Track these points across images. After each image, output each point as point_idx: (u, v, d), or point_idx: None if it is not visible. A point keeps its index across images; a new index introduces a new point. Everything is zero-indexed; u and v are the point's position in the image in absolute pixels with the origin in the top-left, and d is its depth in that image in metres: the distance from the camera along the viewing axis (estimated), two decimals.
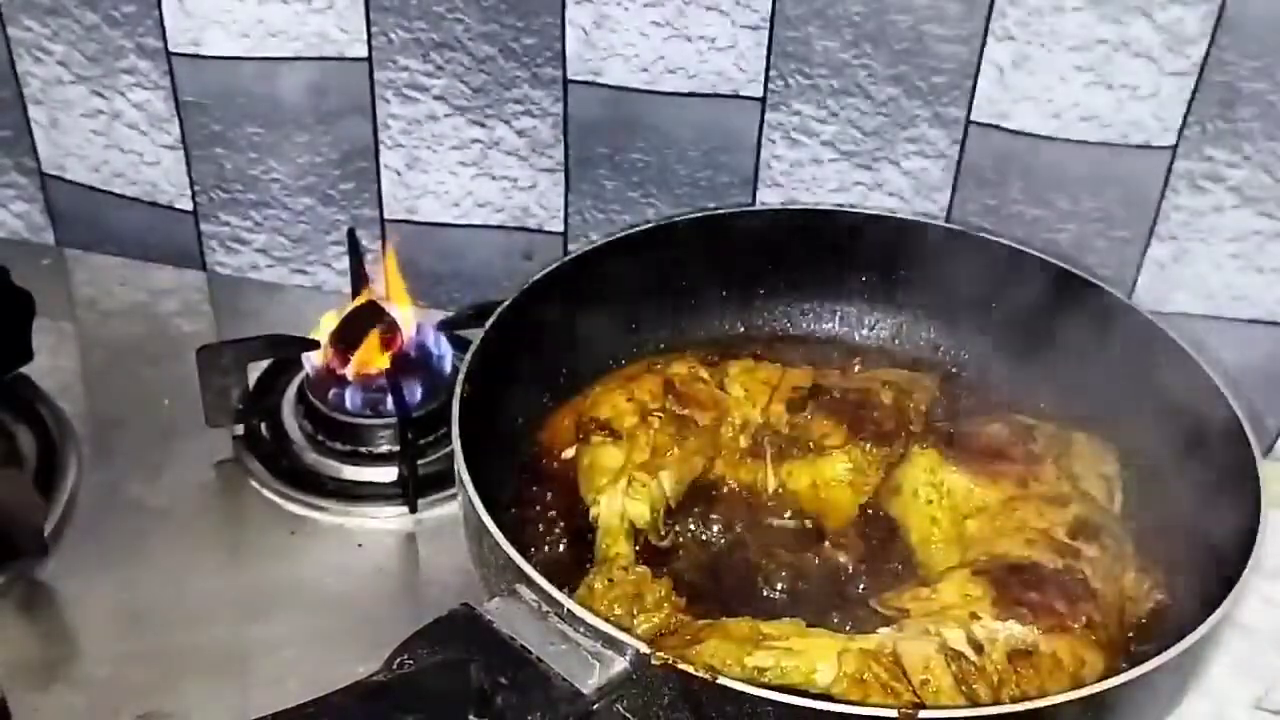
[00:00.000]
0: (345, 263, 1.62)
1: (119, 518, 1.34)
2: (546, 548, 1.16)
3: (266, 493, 1.40)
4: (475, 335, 1.24)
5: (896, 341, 1.44)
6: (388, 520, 1.39)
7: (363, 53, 1.49)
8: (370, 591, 1.30)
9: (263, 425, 1.47)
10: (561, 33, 1.43)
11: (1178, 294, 1.42)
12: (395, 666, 0.83)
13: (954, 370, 1.41)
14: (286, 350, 1.51)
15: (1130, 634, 1.07)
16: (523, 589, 0.93)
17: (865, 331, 1.45)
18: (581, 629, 0.90)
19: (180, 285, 1.69)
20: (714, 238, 1.39)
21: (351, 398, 1.46)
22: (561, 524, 1.18)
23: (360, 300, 1.52)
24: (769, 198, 1.48)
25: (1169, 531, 1.16)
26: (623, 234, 1.36)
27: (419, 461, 1.38)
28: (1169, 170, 1.35)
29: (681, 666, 0.87)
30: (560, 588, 0.95)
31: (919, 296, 1.42)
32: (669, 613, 1.03)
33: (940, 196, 1.44)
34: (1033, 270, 1.33)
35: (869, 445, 1.16)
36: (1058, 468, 1.15)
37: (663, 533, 1.16)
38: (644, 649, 0.88)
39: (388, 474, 1.42)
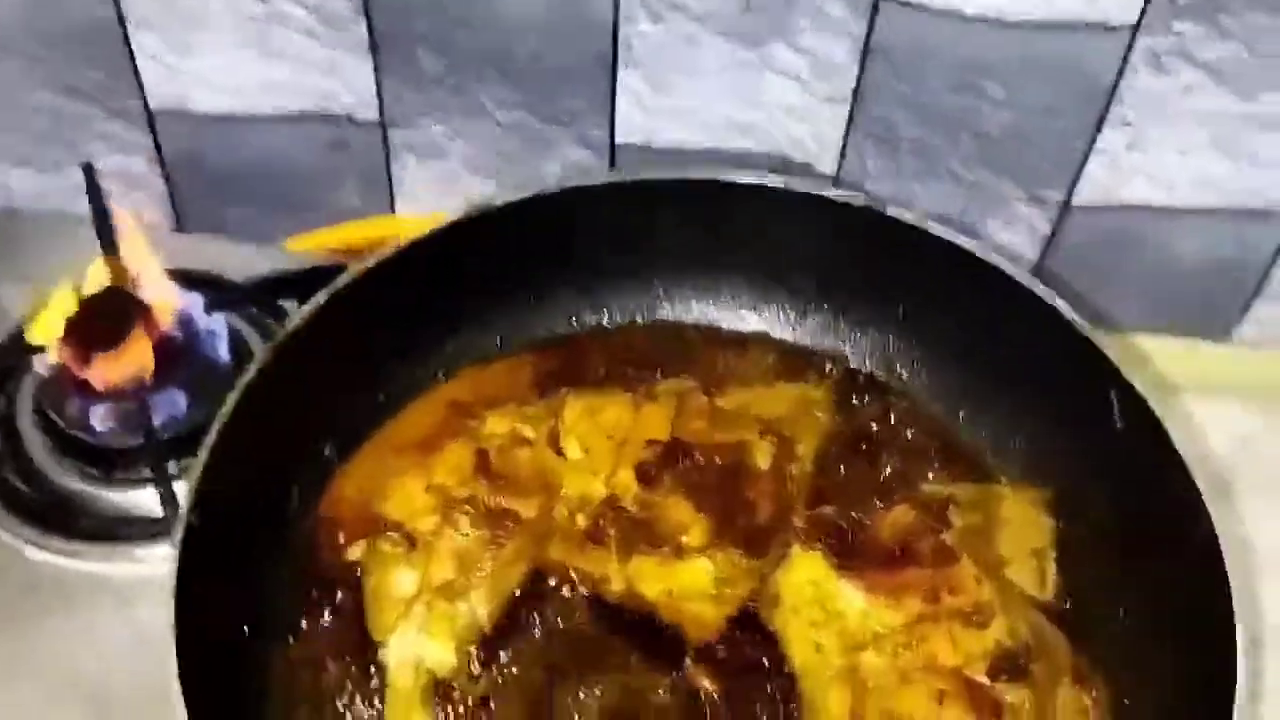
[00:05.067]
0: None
1: None
2: (330, 698, 0.89)
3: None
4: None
5: (784, 329, 1.15)
6: (156, 565, 1.08)
7: None
8: (143, 677, 1.01)
9: None
10: None
11: (1133, 183, 1.17)
12: None
13: (852, 367, 1.13)
14: None
15: None
16: None
17: (746, 317, 1.16)
18: None
19: None
20: (547, 219, 1.06)
21: (97, 412, 1.15)
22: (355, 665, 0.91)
23: (99, 277, 1.19)
24: (632, 81, 1.16)
25: (1113, 607, 0.93)
26: (440, 226, 1.02)
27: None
28: (1128, 50, 1.07)
29: None
30: None
31: (806, 277, 1.12)
32: None
33: (843, 80, 1.13)
34: (937, 251, 1.04)
35: (738, 553, 0.89)
36: (978, 560, 0.90)
37: (475, 673, 0.90)
38: None
39: (155, 502, 1.11)
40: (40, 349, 1.14)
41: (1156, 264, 1.24)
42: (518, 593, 0.93)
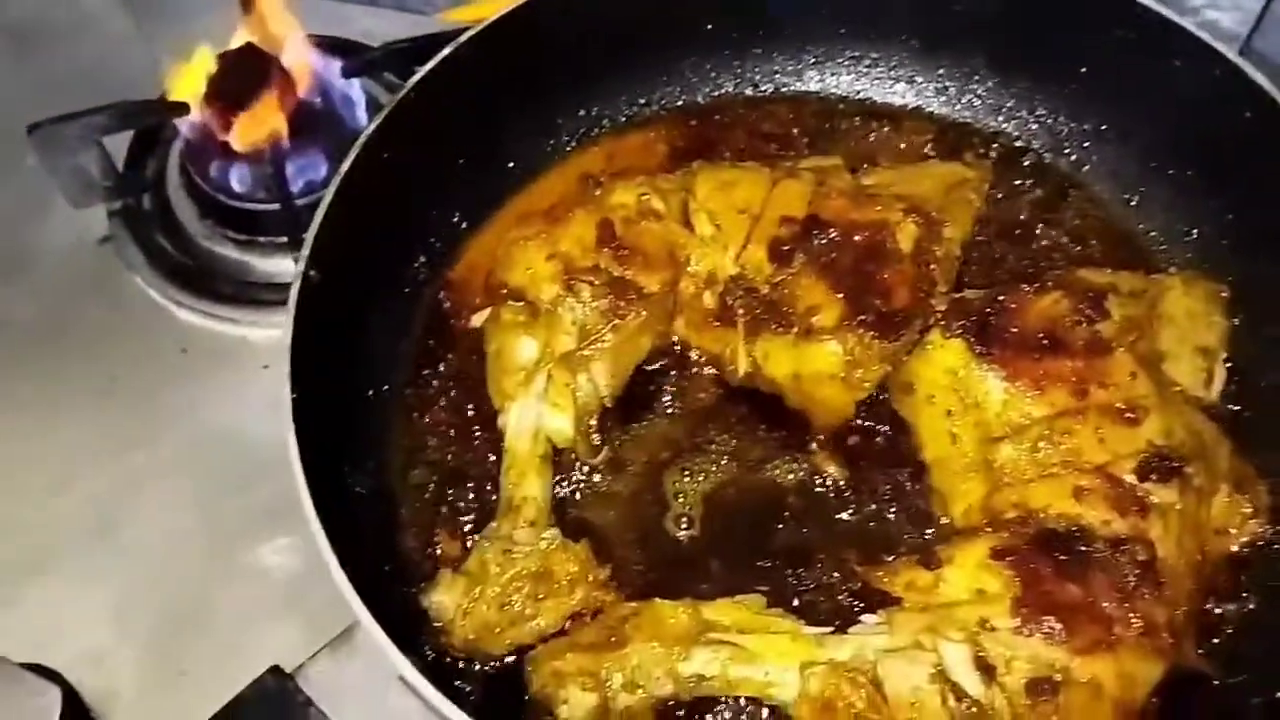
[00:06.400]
0: None
1: None
2: (451, 456, 0.90)
3: (152, 293, 1.13)
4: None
5: (942, 103, 1.06)
6: None
7: None
8: (278, 433, 1.04)
9: (144, 200, 1.18)
10: None
11: None
12: None
13: (1020, 146, 1.04)
14: (143, 119, 1.17)
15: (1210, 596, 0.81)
16: (361, 634, 0.69)
17: (900, 87, 1.06)
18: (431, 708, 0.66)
19: None
20: None
21: (239, 175, 1.15)
22: (474, 427, 0.91)
23: (240, 38, 1.17)
24: None
25: None
26: None
27: None
28: None
29: None
30: (467, 532, 0.76)
31: (975, 36, 1.02)
32: (584, 595, 0.79)
33: None
34: (1127, 19, 0.94)
35: (869, 335, 0.83)
36: (1135, 354, 0.82)
37: (596, 442, 0.89)
38: None
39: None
40: (180, 109, 1.14)
41: None
42: (640, 368, 0.91)
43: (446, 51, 0.92)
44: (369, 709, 0.66)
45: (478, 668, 0.79)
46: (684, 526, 0.87)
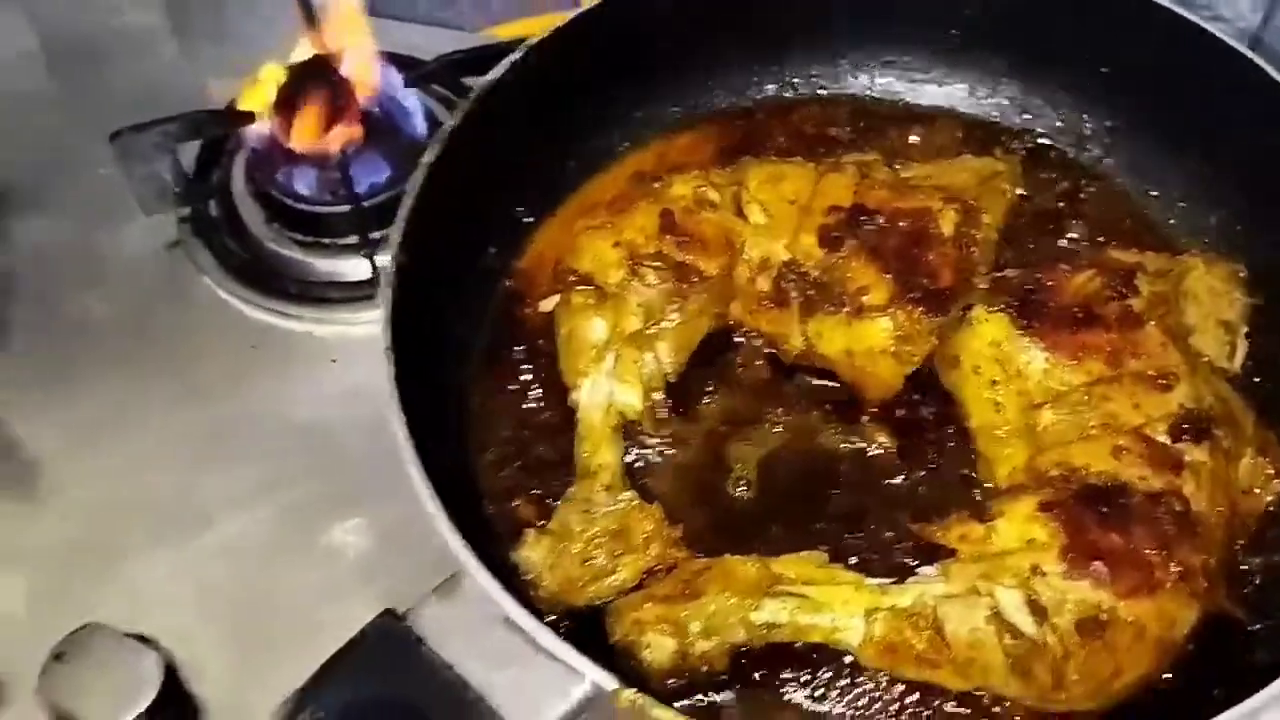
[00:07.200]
0: None
1: (57, 337, 1.16)
2: (527, 430, 0.96)
3: (222, 294, 1.19)
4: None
5: (970, 103, 1.13)
6: (367, 327, 1.16)
7: None
8: (347, 422, 1.10)
9: (211, 206, 1.24)
10: None
11: None
12: None
13: (1045, 143, 1.11)
14: (215, 129, 1.24)
15: (1240, 544, 0.87)
16: (467, 581, 0.75)
17: (929, 89, 1.14)
18: (536, 646, 0.72)
19: None
20: None
21: (304, 179, 1.21)
22: (545, 403, 0.97)
23: (304, 52, 1.24)
24: None
25: None
26: None
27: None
28: None
29: (654, 713, 0.70)
30: (544, 499, 0.81)
31: (997, 42, 1.10)
32: (659, 551, 0.85)
33: None
34: (1145, 18, 1.01)
35: (918, 311, 0.90)
36: (1164, 327, 0.89)
37: (662, 415, 0.95)
38: (607, 685, 0.71)
39: (363, 268, 1.19)
40: (249, 118, 1.21)
41: None
42: (701, 346, 0.97)
43: (515, 57, 0.99)
44: (475, 647, 0.72)
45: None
46: (742, 491, 0.93)
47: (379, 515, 1.04)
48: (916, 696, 0.83)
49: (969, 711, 0.82)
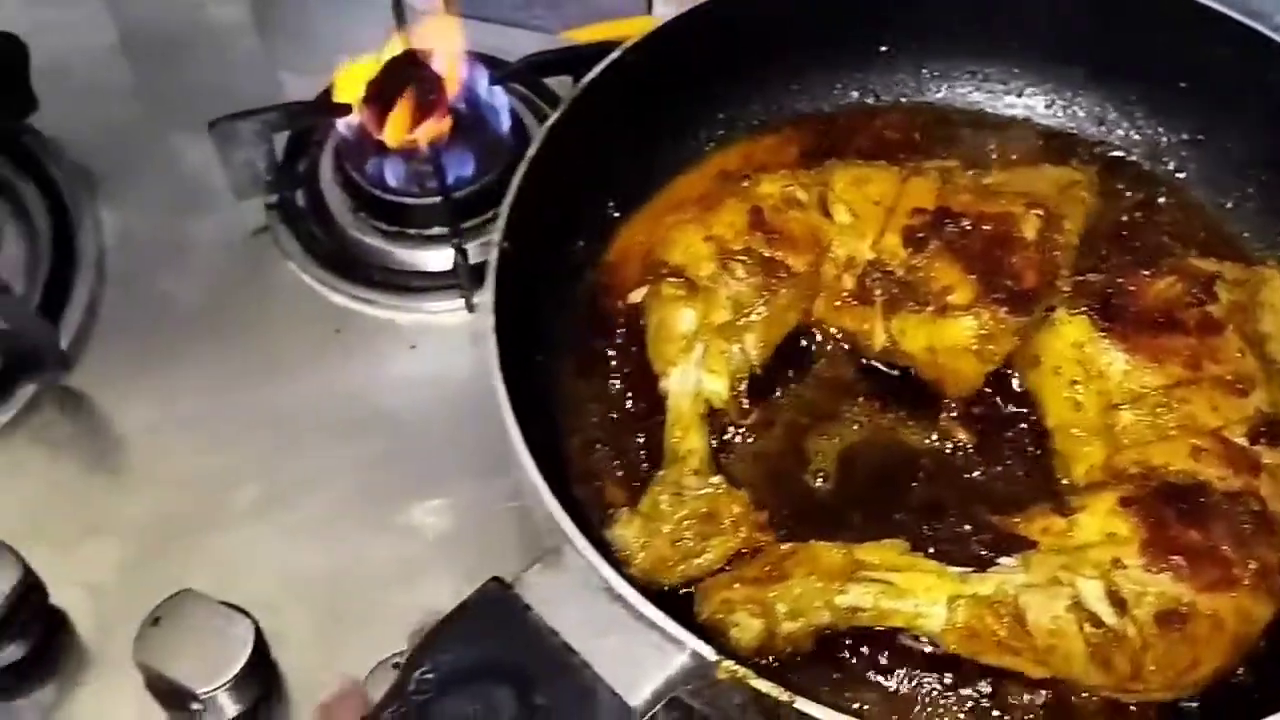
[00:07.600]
0: None
1: (146, 319, 1.21)
2: (613, 415, 0.99)
3: (307, 279, 1.23)
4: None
5: (1049, 114, 1.16)
6: (446, 315, 1.22)
7: None
8: (425, 406, 1.15)
9: (299, 195, 1.28)
10: None
11: None
12: (415, 686, 0.69)
13: (1120, 155, 1.13)
14: (310, 119, 1.29)
15: None
16: (570, 553, 0.78)
17: (1008, 99, 1.16)
18: (637, 616, 0.75)
19: None
20: None
21: (393, 171, 1.25)
22: (630, 390, 1.00)
23: (396, 48, 1.28)
24: None
25: None
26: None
27: (475, 243, 1.18)
28: None
29: (754, 684, 0.73)
30: (630, 483, 0.83)
31: (1075, 55, 1.12)
32: (747, 535, 0.88)
33: None
34: (1221, 33, 1.04)
35: (1001, 311, 0.93)
36: (1242, 334, 0.91)
37: (746, 406, 0.98)
38: (709, 655, 0.74)
39: (443, 259, 1.23)
40: (343, 110, 1.25)
41: None
42: (784, 341, 1.00)
43: (614, 56, 1.03)
44: (579, 615, 0.74)
45: None
46: (821, 482, 0.96)
47: (457, 497, 1.08)
48: (989, 689, 0.86)
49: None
